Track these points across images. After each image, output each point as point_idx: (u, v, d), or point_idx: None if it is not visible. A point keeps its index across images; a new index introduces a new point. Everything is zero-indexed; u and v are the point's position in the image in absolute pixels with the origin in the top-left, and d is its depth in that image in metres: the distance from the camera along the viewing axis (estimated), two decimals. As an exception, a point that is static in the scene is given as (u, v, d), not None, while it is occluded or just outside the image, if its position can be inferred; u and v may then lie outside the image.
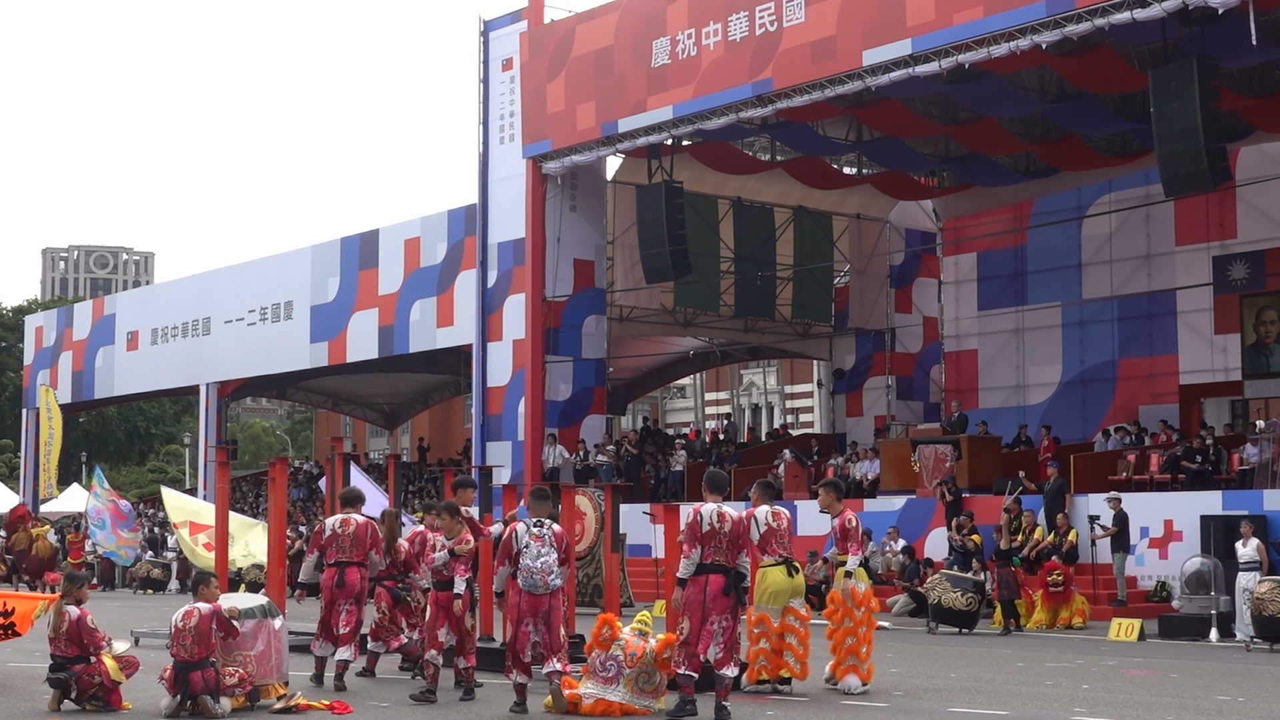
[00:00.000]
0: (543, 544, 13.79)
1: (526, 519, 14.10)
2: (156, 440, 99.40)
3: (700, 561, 13.50)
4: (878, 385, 43.86)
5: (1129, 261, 39.12)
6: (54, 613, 13.91)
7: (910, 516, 31.30)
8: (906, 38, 28.98)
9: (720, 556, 13.52)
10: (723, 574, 13.46)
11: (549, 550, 13.80)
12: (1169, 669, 18.16)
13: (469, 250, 39.21)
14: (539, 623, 13.68)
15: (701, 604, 13.42)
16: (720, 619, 13.40)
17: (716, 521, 13.52)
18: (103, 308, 56.64)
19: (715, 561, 13.50)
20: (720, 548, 13.50)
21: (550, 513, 14.48)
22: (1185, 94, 25.84)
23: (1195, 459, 29.77)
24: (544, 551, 13.76)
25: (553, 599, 13.80)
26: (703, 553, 13.52)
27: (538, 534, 13.86)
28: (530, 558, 13.72)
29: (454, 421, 67.06)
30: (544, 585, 13.69)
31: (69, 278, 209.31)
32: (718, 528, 13.50)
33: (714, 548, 13.50)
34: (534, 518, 14.06)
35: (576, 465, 36.45)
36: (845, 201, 42.58)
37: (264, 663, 13.96)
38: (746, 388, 78.25)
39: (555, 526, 14.11)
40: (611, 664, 13.62)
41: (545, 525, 14.00)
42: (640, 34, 34.32)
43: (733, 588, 13.53)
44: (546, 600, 13.74)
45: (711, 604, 13.41)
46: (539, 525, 13.96)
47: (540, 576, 13.68)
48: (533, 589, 13.71)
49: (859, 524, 15.68)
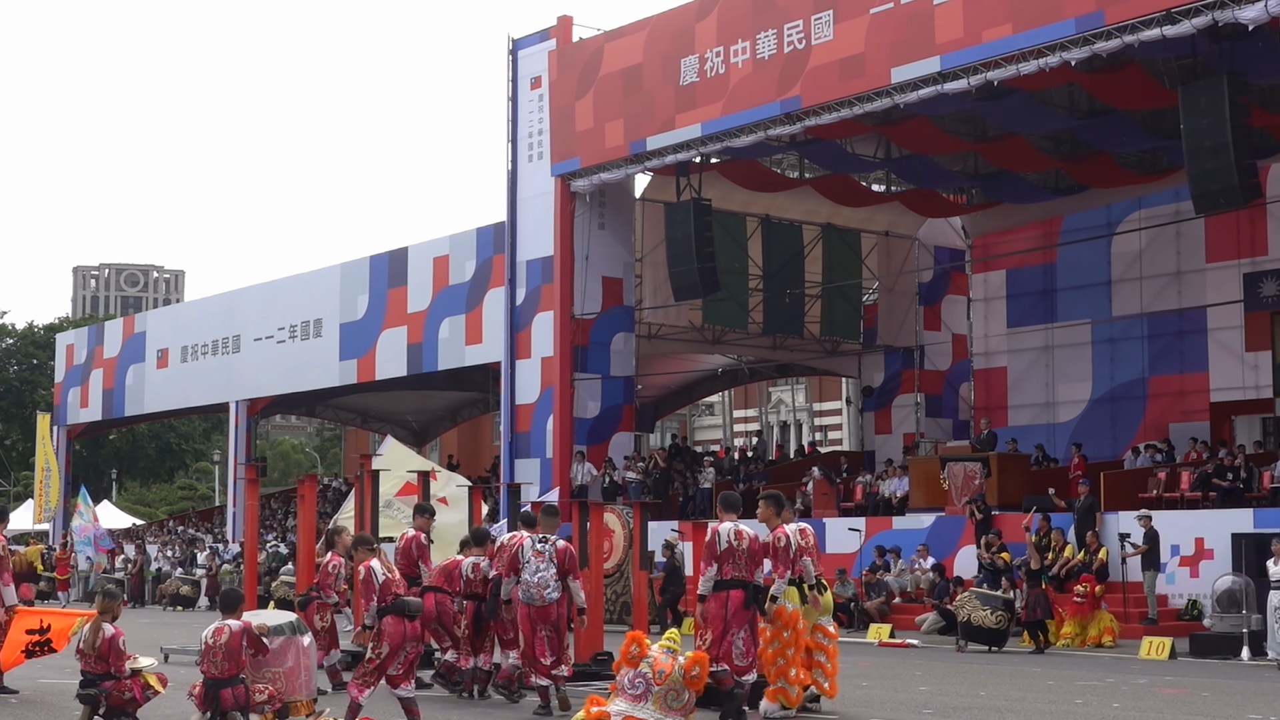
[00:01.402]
0: (543, 559, 14.91)
1: (532, 534, 15.13)
2: (186, 457, 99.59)
3: (720, 577, 14.12)
4: (906, 402, 43.78)
5: (1159, 278, 38.99)
6: (91, 629, 13.94)
7: (939, 534, 31.21)
8: (935, 55, 28.97)
9: (739, 572, 14.16)
10: (743, 588, 14.11)
11: (548, 565, 14.90)
12: (1200, 688, 18.07)
13: (498, 268, 39.29)
14: (550, 630, 14.74)
15: (723, 618, 14.06)
16: (740, 631, 14.06)
17: (734, 539, 14.18)
18: (133, 325, 56.89)
19: (735, 576, 14.14)
20: (739, 564, 14.15)
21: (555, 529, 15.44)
22: (1215, 110, 25.77)
23: (1226, 476, 29.64)
24: (543, 567, 14.89)
25: (559, 608, 14.91)
26: (721, 569, 14.14)
27: (540, 550, 14.96)
28: (530, 572, 14.90)
29: (482, 439, 67.05)
30: (540, 599, 14.84)
31: (100, 296, 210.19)
32: (735, 545, 14.16)
33: (733, 564, 14.14)
34: (541, 534, 15.12)
35: (605, 483, 36.46)
36: (874, 219, 42.54)
37: (293, 679, 13.96)
38: (775, 405, 78.15)
39: (559, 543, 15.09)
40: (640, 681, 13.59)
41: (549, 541, 15.03)
42: (669, 52, 34.38)
43: (752, 600, 14.15)
44: (554, 609, 14.87)
45: (733, 617, 14.05)
46: (543, 541, 15.03)
47: (537, 590, 14.84)
48: (530, 601, 14.90)
49: (791, 542, 14.58)
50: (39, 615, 16.96)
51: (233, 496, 50.38)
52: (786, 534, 14.62)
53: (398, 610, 13.39)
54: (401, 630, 13.34)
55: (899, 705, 15.76)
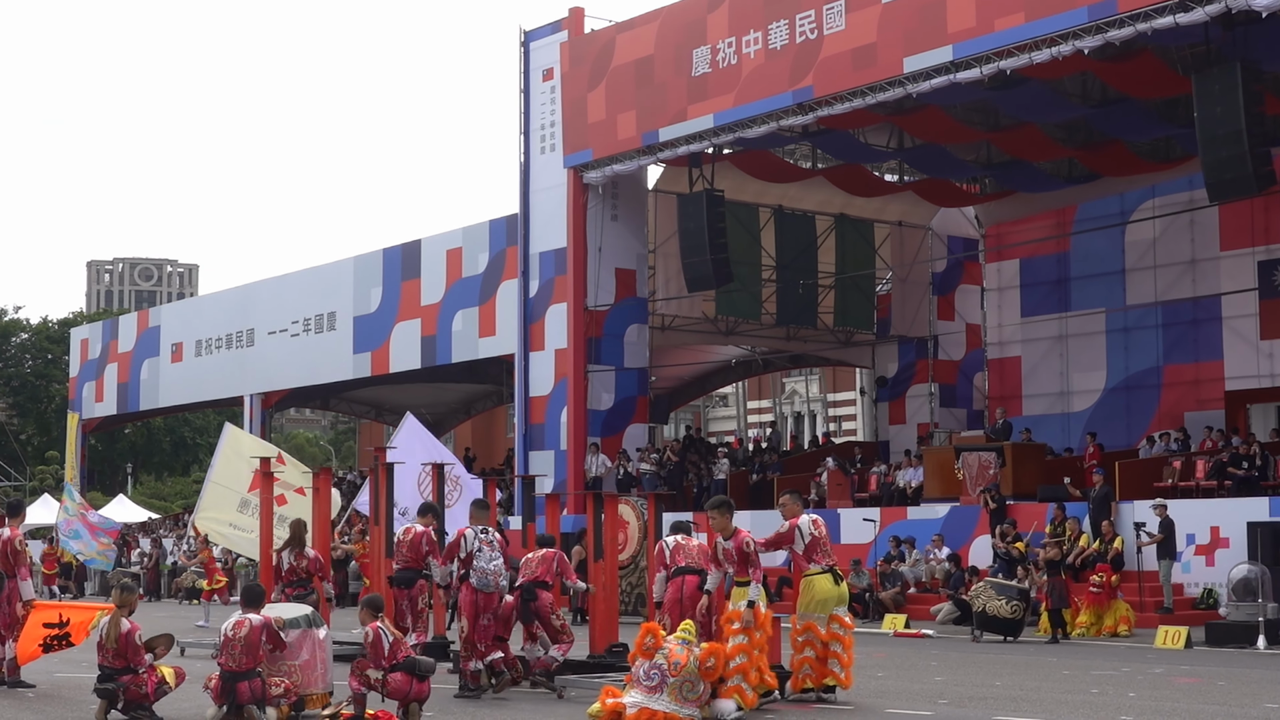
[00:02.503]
0: (492, 549, 15.67)
1: (472, 526, 15.88)
2: (201, 451, 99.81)
3: (677, 566, 15.42)
4: (920, 393, 43.74)
5: (1173, 267, 38.91)
6: (111, 623, 13.98)
7: (954, 524, 31.19)
8: (947, 44, 28.93)
9: (692, 560, 15.44)
10: (697, 574, 15.27)
11: (497, 554, 15.67)
12: (1216, 677, 18.04)
13: (511, 260, 39.31)
14: (490, 617, 15.42)
15: (679, 601, 15.21)
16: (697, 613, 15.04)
17: (682, 540, 15.71)
18: (147, 320, 56.99)
19: (690, 564, 15.39)
20: (691, 555, 15.46)
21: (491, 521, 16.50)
22: (1229, 98, 25.71)
23: (1242, 465, 29.58)
24: (494, 555, 15.64)
25: (500, 596, 15.74)
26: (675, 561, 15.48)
27: (486, 539, 15.71)
28: (483, 560, 15.56)
29: (497, 431, 67.11)
30: (494, 585, 15.57)
31: (114, 290, 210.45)
32: (684, 544, 15.65)
33: (685, 555, 15.45)
34: (478, 525, 15.86)
35: (619, 474, 36.48)
36: (887, 209, 42.49)
37: (309, 672, 14.01)
38: (789, 396, 78.06)
39: (497, 534, 15.97)
40: (655, 673, 13.62)
41: (490, 532, 15.83)
42: (680, 43, 34.35)
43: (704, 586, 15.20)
44: (498, 596, 15.63)
45: (689, 601, 15.16)
46: (485, 532, 15.78)
47: (493, 578, 15.56)
48: (485, 588, 15.57)
49: (756, 546, 14.61)
50: (57, 609, 17.02)
51: (248, 490, 50.38)
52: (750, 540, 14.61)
53: (408, 669, 13.39)
54: (406, 691, 13.34)
55: (914, 695, 15.76)
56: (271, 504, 20.49)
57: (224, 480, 24.28)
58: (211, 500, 24.45)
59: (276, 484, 21.41)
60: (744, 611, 14.21)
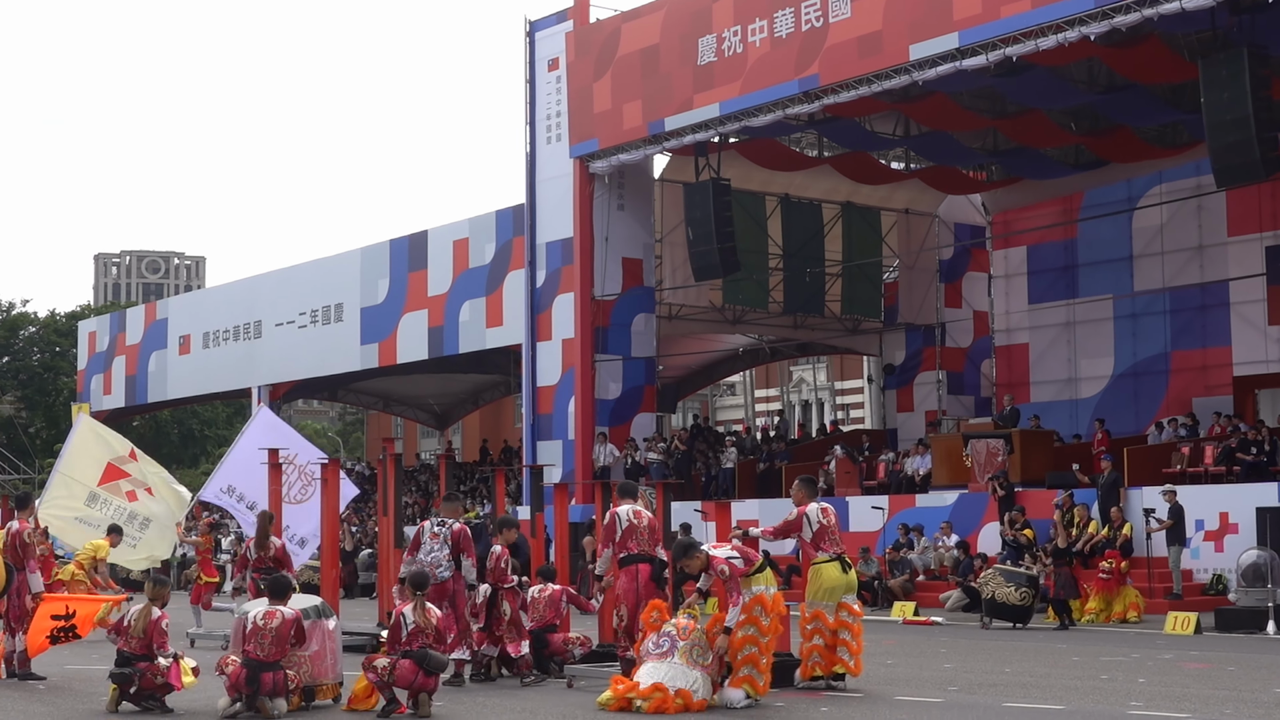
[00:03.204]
0: (438, 541, 16.16)
1: (433, 518, 16.62)
2: (209, 443, 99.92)
3: (625, 553, 15.36)
4: (928, 380, 43.70)
5: (1181, 253, 38.85)
6: (140, 613, 14.01)
7: (962, 511, 31.19)
8: (953, 31, 28.88)
9: (644, 547, 15.39)
10: (649, 563, 15.33)
11: (441, 546, 16.12)
12: (1226, 662, 18.04)
13: (517, 250, 39.29)
14: (444, 605, 15.50)
15: (634, 591, 15.22)
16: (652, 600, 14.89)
17: (633, 518, 15.47)
18: (155, 312, 57.00)
19: (642, 551, 15.35)
20: (642, 539, 15.38)
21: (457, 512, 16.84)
22: (1236, 83, 25.65)
23: (1250, 451, 29.53)
24: (436, 547, 16.13)
25: (456, 584, 16.06)
26: (625, 545, 15.38)
27: (436, 532, 16.26)
28: (424, 553, 16.17)
29: (504, 421, 67.18)
30: (434, 576, 15.77)
31: (121, 283, 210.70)
32: (635, 523, 15.45)
33: (636, 540, 15.37)
34: (441, 517, 16.45)
35: (627, 464, 36.48)
36: (893, 196, 42.45)
37: (318, 663, 14.03)
38: (796, 384, 78.06)
39: (455, 525, 16.32)
40: (665, 640, 13.70)
41: (446, 525, 16.30)
42: (686, 32, 34.31)
43: (659, 574, 15.48)
44: (448, 586, 15.96)
45: (644, 590, 15.20)
46: (441, 524, 16.33)
47: (430, 569, 15.89)
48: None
49: (733, 570, 13.96)
50: (64, 601, 17.05)
51: (256, 482, 50.43)
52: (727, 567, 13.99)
53: (418, 660, 13.39)
54: (411, 681, 13.33)
55: (924, 683, 15.77)
56: (280, 495, 20.48)
57: (72, 471, 23.48)
58: (58, 491, 23.68)
59: (127, 480, 21.20)
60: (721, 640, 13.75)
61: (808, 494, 15.57)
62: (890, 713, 13.33)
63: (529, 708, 13.89)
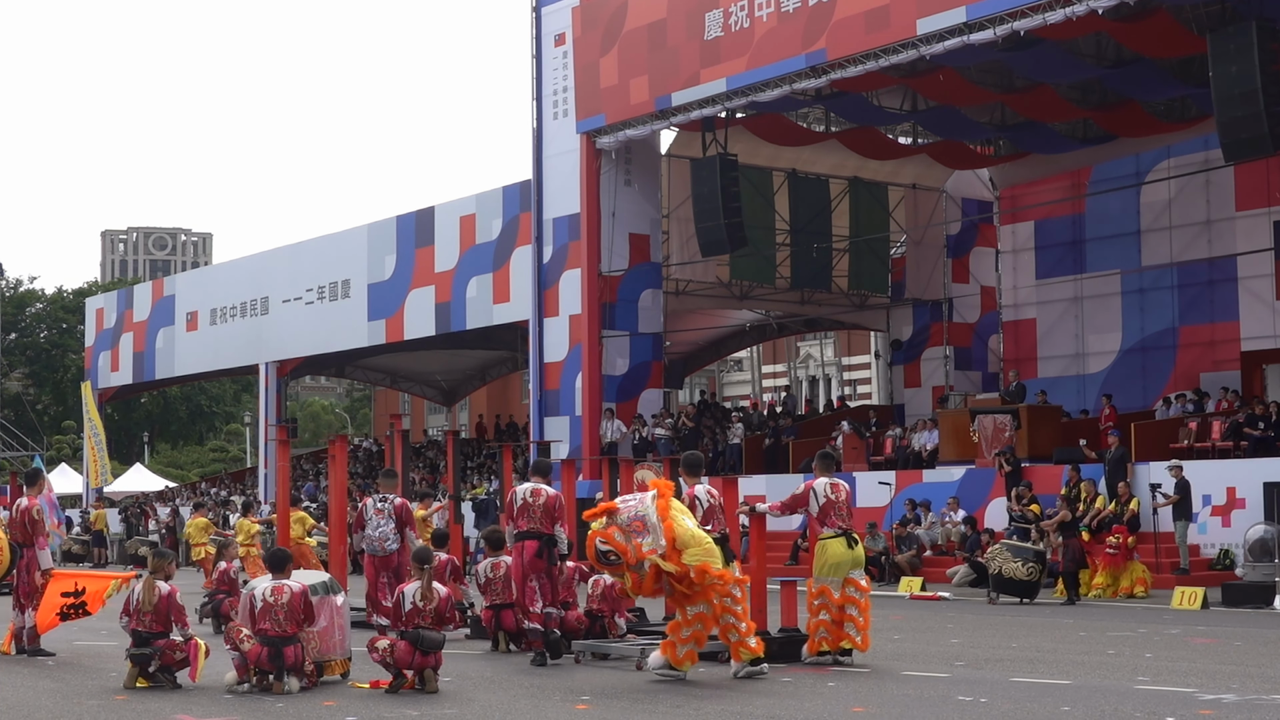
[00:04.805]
0: (383, 516, 17.50)
1: (375, 495, 17.80)
2: (217, 420, 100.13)
3: (519, 530, 15.76)
4: (935, 356, 43.67)
5: (1189, 228, 38.76)
6: (145, 588, 14.02)
7: (969, 487, 31.20)
8: (961, 5, 28.80)
9: (535, 524, 15.66)
10: (537, 539, 15.63)
11: (387, 521, 17.46)
12: (1233, 637, 18.05)
13: (524, 226, 39.28)
14: (390, 575, 16.73)
15: (521, 565, 15.75)
16: (538, 577, 15.67)
17: (530, 497, 15.76)
18: (162, 289, 57.07)
19: (531, 529, 15.65)
20: (534, 517, 15.66)
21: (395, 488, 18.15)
22: (1244, 57, 25.58)
23: (1258, 426, 29.52)
24: (382, 522, 17.49)
25: (400, 556, 17.25)
26: (517, 523, 15.76)
27: (380, 508, 17.52)
28: (372, 528, 17.50)
29: (512, 397, 67.26)
30: (382, 549, 17.39)
31: (128, 260, 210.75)
32: (531, 502, 15.73)
33: (528, 518, 15.69)
34: (382, 493, 17.69)
35: (634, 439, 36.50)
36: (901, 171, 42.37)
37: (327, 639, 14.05)
38: (804, 360, 78.02)
39: (396, 500, 17.65)
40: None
41: (388, 500, 17.56)
42: (693, 7, 34.22)
43: (545, 550, 15.70)
44: (394, 558, 17.30)
45: (529, 566, 15.68)
46: (384, 501, 17.55)
47: (379, 543, 17.44)
48: (374, 552, 17.54)
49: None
50: (74, 578, 17.09)
51: (264, 458, 50.60)
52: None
53: (412, 641, 13.41)
54: (409, 662, 13.35)
55: (931, 658, 15.79)
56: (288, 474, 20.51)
57: None
58: None
59: None
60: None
61: (822, 469, 15.58)
62: (897, 688, 13.34)
63: (537, 684, 13.92)
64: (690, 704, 12.40)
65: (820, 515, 15.17)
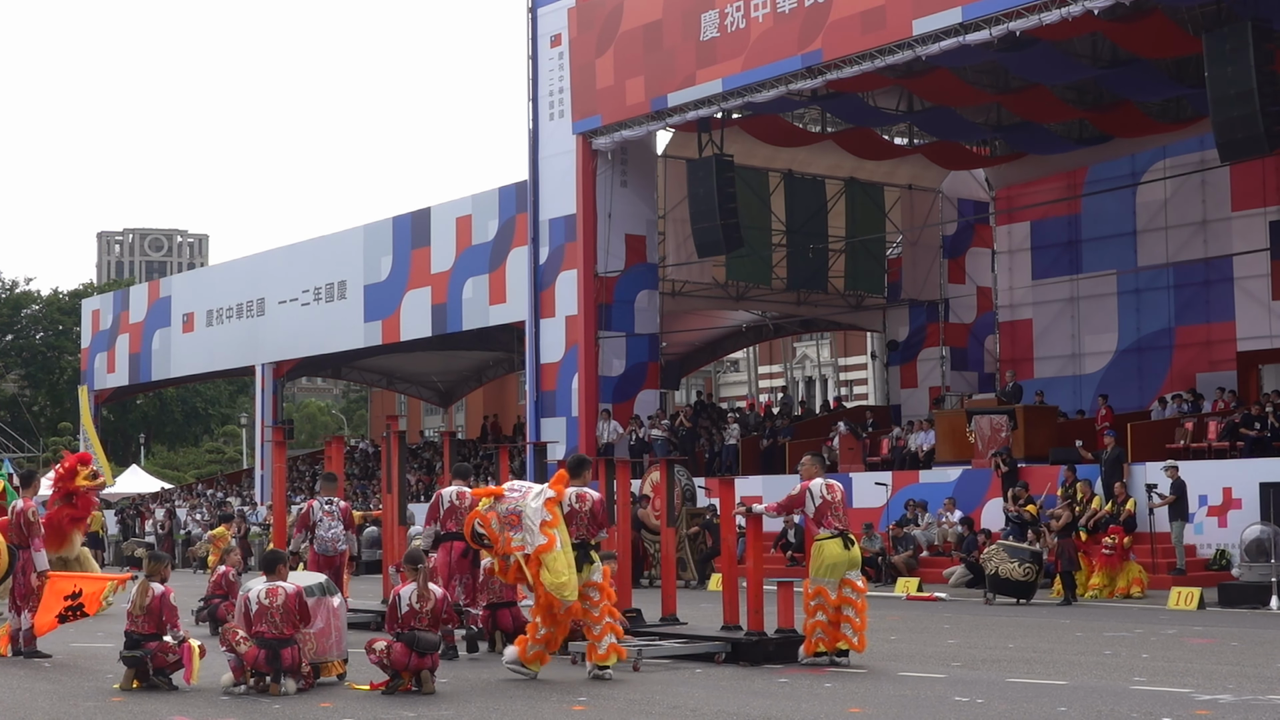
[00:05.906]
0: (333, 518, 18.00)
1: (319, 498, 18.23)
2: (213, 421, 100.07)
3: (446, 531, 16.70)
4: (932, 356, 43.68)
5: (1185, 228, 38.78)
6: (138, 590, 14.02)
7: (966, 487, 31.20)
8: (957, 6, 28.80)
9: (460, 527, 15.93)
10: (462, 540, 15.92)
11: (337, 523, 17.99)
12: (1229, 637, 18.06)
13: (520, 227, 39.28)
14: (332, 576, 16.56)
15: (448, 564, 16.71)
16: (463, 577, 16.83)
17: (456, 500, 16.73)
18: (158, 290, 57.04)
19: (459, 529, 15.96)
20: (459, 519, 16.10)
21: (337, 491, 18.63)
22: (1240, 58, 25.59)
23: (1254, 426, 29.53)
24: (333, 525, 17.98)
25: (340, 558, 17.99)
26: (444, 525, 16.75)
27: (329, 510, 18.02)
28: (324, 529, 17.91)
29: (508, 398, 67.25)
30: (334, 549, 17.92)
31: (124, 261, 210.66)
32: (457, 505, 16.66)
33: (455, 520, 16.47)
34: (324, 498, 18.16)
35: (631, 440, 36.49)
36: (897, 172, 42.39)
37: (323, 640, 14.05)
38: (800, 361, 78.02)
39: (342, 503, 18.26)
40: None
41: (334, 503, 18.11)
42: (688, 7, 34.23)
43: (469, 551, 16.41)
44: (337, 559, 17.90)
45: (455, 565, 16.75)
46: (330, 503, 18.06)
47: (331, 544, 17.92)
48: (325, 552, 17.90)
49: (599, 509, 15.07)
50: (72, 580, 17.06)
51: (260, 459, 50.57)
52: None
53: (408, 643, 13.40)
54: (404, 664, 13.34)
55: (927, 658, 15.80)
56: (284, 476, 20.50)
57: None
58: None
59: None
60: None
61: (816, 469, 15.57)
62: (893, 688, 13.35)
63: (534, 685, 13.91)
64: (687, 705, 12.40)
65: (817, 516, 15.16)
